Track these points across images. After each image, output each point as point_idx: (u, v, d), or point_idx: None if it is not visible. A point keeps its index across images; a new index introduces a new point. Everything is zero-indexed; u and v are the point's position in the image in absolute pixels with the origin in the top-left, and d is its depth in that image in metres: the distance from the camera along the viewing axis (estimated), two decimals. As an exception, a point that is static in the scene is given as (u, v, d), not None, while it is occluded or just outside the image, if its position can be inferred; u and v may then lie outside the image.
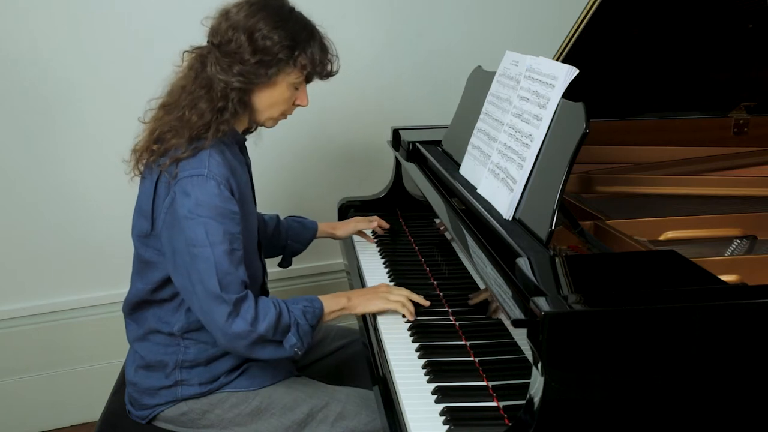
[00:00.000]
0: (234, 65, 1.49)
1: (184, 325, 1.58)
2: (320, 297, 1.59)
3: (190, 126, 1.49)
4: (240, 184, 1.55)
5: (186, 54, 1.56)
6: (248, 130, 1.69)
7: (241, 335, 1.45)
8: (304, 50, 1.52)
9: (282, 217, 2.04)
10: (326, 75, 1.60)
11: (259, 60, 1.49)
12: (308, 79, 1.60)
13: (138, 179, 1.59)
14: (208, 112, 1.49)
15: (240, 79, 1.49)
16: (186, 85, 1.53)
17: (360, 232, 2.13)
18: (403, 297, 1.63)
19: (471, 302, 1.56)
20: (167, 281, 1.55)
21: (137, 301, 1.61)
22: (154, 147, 1.52)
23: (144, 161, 1.55)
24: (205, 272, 1.43)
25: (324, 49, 1.56)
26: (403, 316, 1.63)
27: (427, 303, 1.65)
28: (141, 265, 1.60)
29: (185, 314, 1.57)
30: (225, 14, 1.52)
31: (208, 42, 1.55)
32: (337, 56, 1.60)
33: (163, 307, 1.59)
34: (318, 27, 1.57)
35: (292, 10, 1.56)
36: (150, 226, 1.53)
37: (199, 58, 1.53)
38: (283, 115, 1.63)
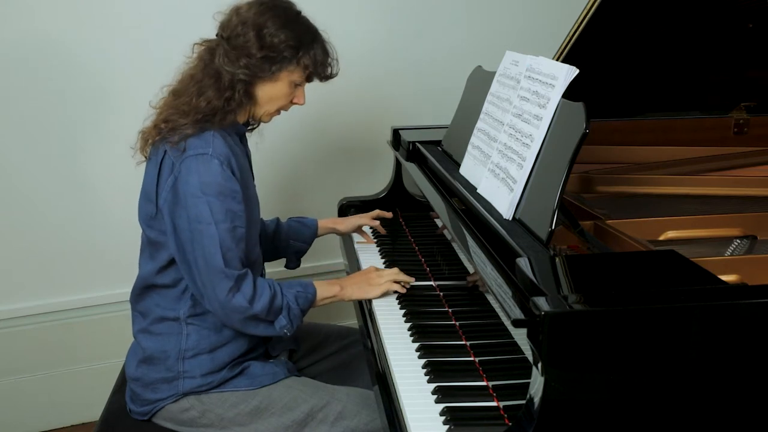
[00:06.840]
0: (241, 58, 1.56)
1: (190, 309, 1.62)
2: (315, 283, 1.65)
3: (197, 110, 1.56)
4: (241, 168, 1.61)
5: (196, 46, 1.64)
6: (247, 123, 1.72)
7: (238, 310, 1.53)
8: (308, 51, 1.60)
9: (283, 220, 2.05)
10: (326, 77, 1.67)
11: (265, 55, 1.56)
12: (309, 79, 1.67)
13: (143, 166, 1.65)
14: (215, 99, 1.56)
15: (245, 72, 1.56)
16: (195, 74, 1.60)
17: (361, 231, 2.14)
18: (392, 278, 1.72)
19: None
20: (172, 261, 1.60)
21: (143, 285, 1.66)
22: (162, 125, 1.58)
23: (151, 142, 1.61)
24: (210, 248, 1.50)
25: (326, 53, 1.64)
26: (404, 316, 1.63)
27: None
28: (149, 246, 1.65)
29: (191, 299, 1.62)
30: (236, 10, 1.59)
31: (217, 35, 1.62)
32: (337, 60, 1.68)
33: (167, 295, 1.64)
34: (321, 31, 1.64)
35: (299, 13, 1.64)
36: (155, 208, 1.58)
37: (209, 50, 1.61)
38: (279, 111, 1.69)
